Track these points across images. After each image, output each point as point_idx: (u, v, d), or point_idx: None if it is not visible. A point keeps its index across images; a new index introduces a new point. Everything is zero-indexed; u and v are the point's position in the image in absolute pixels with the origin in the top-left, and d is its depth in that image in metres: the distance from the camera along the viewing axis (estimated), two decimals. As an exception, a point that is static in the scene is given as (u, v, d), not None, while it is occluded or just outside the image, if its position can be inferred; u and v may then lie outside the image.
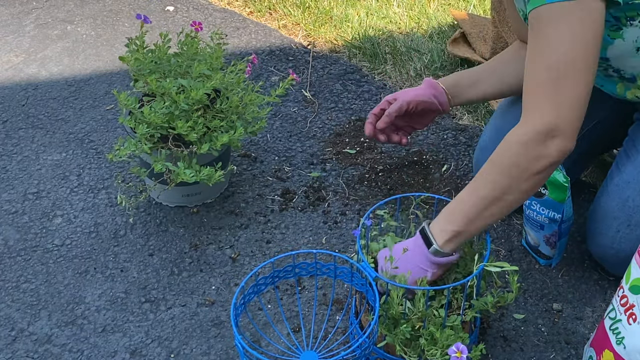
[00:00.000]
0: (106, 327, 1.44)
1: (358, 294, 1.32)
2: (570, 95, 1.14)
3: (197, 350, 1.39)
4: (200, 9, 2.54)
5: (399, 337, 1.19)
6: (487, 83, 1.58)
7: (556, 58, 1.13)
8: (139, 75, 1.56)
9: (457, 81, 1.60)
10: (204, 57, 1.59)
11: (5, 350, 1.40)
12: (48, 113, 2.04)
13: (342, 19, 2.42)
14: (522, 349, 1.38)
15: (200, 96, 1.49)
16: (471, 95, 1.59)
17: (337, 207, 1.70)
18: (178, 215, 1.69)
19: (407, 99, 1.56)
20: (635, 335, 1.11)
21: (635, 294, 1.11)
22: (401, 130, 1.64)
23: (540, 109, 1.15)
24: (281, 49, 2.30)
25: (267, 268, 1.45)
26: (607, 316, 1.19)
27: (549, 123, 1.13)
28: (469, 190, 1.21)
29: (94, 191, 1.77)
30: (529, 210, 1.48)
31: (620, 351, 1.14)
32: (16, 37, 2.39)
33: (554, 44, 1.13)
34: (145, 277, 1.55)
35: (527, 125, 1.16)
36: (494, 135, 1.58)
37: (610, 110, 1.54)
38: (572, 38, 1.12)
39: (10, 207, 1.73)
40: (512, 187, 1.18)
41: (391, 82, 2.13)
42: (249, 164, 1.84)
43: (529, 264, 1.55)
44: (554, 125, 1.13)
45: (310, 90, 2.11)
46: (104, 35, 2.39)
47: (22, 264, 1.58)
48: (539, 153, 1.15)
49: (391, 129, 1.62)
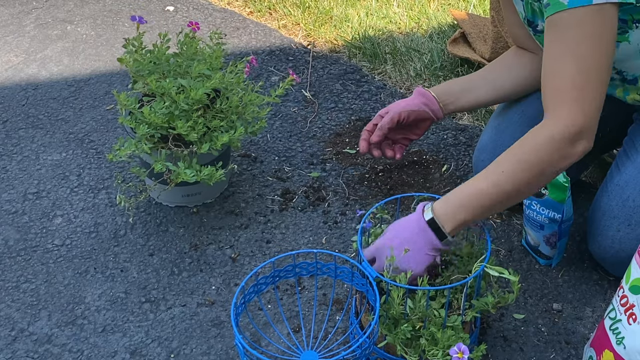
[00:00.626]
0: (106, 327, 1.44)
1: (358, 293, 1.32)
2: (596, 98, 1.18)
3: (197, 350, 1.39)
4: (200, 9, 2.54)
5: (399, 337, 1.19)
6: (481, 90, 1.58)
7: (584, 61, 1.17)
8: (138, 76, 1.56)
9: (449, 88, 1.61)
10: (204, 57, 1.59)
11: (5, 350, 1.40)
12: (48, 113, 2.04)
13: (342, 19, 2.42)
14: (522, 349, 1.38)
15: (200, 96, 1.49)
16: (464, 103, 1.60)
17: (337, 207, 1.70)
18: (178, 215, 1.69)
19: (397, 110, 1.58)
20: (635, 335, 1.11)
21: (635, 294, 1.11)
22: (398, 144, 1.67)
23: (570, 110, 1.17)
24: (281, 49, 2.30)
25: (267, 268, 1.45)
26: (607, 316, 1.19)
27: (580, 125, 1.17)
28: (489, 182, 1.22)
29: (94, 191, 1.77)
30: (529, 210, 1.48)
31: (620, 351, 1.14)
32: (16, 37, 2.39)
33: (582, 48, 1.16)
34: (145, 277, 1.55)
35: (556, 125, 1.18)
36: (494, 136, 1.59)
37: (610, 110, 1.54)
38: (599, 42, 1.16)
39: (10, 207, 1.73)
40: (533, 183, 1.22)
41: (391, 82, 2.13)
42: (249, 164, 1.84)
43: (529, 264, 1.55)
44: (583, 127, 1.17)
45: (310, 90, 2.11)
46: (104, 35, 2.39)
47: (22, 264, 1.58)
48: (567, 152, 1.18)
49: (386, 144, 1.65)
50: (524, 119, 1.56)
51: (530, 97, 1.58)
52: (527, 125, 1.55)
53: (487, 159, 1.58)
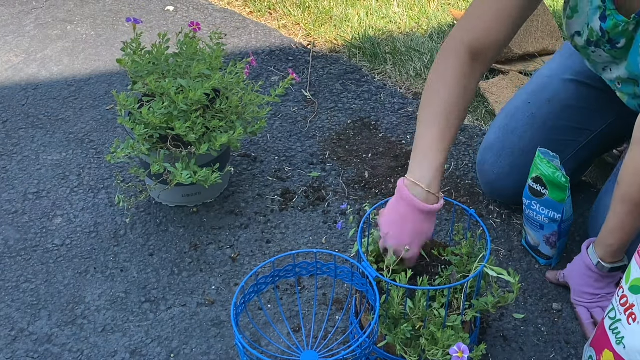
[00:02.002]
0: (106, 327, 1.44)
1: (358, 293, 1.32)
2: None
3: (197, 350, 1.39)
4: (200, 9, 2.54)
5: (399, 337, 1.19)
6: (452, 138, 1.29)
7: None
8: (137, 77, 1.56)
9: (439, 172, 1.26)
10: (204, 57, 1.59)
11: (5, 350, 1.40)
12: (48, 113, 2.04)
13: (342, 19, 2.42)
14: (522, 349, 1.38)
15: (199, 96, 1.49)
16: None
17: (337, 207, 1.70)
18: (178, 215, 1.69)
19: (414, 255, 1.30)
20: (635, 335, 1.11)
21: (635, 293, 1.11)
22: None
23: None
24: (281, 49, 2.30)
25: (267, 268, 1.46)
26: (607, 316, 1.19)
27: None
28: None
29: (94, 191, 1.77)
30: (529, 210, 1.48)
31: (620, 351, 1.14)
32: (16, 37, 2.39)
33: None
34: (145, 277, 1.55)
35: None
36: (501, 136, 1.58)
37: (619, 113, 1.54)
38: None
39: (10, 207, 1.73)
40: None
41: (391, 82, 2.13)
42: (249, 164, 1.84)
43: (529, 264, 1.55)
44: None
45: (310, 90, 2.11)
46: (104, 35, 2.39)
47: (22, 264, 1.58)
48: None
49: None
50: (533, 121, 1.56)
51: (539, 100, 1.58)
52: (536, 128, 1.55)
53: (493, 159, 1.59)
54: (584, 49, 1.40)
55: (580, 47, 1.41)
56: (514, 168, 1.56)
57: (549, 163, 1.40)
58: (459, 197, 1.72)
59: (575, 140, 1.57)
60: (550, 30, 2.18)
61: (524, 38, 2.14)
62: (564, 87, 1.58)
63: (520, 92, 1.64)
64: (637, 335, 1.10)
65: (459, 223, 1.62)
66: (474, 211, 1.32)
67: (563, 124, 1.56)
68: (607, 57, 1.38)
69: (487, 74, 2.13)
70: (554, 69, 1.63)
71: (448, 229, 1.62)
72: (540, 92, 1.60)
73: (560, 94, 1.57)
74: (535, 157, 1.42)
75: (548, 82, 1.60)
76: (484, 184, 1.64)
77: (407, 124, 1.96)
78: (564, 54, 1.64)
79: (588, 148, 1.59)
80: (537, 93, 1.60)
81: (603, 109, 1.56)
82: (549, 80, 1.60)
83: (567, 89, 1.58)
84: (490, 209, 1.68)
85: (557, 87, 1.58)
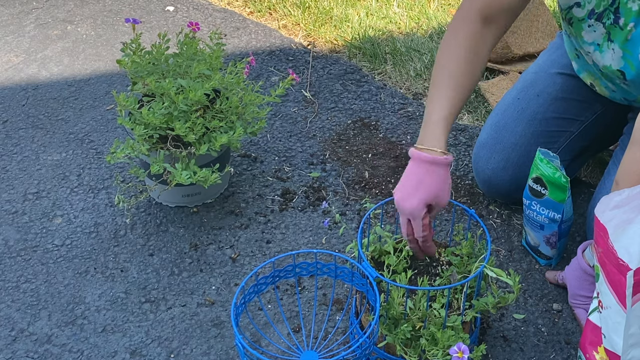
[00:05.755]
0: (106, 327, 1.44)
1: (358, 293, 1.32)
2: None
3: (197, 350, 1.39)
4: (200, 9, 2.54)
5: (399, 337, 1.19)
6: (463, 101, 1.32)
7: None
8: (137, 78, 1.56)
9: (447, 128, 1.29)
10: (204, 57, 1.59)
11: (5, 350, 1.40)
12: (48, 113, 2.04)
13: (342, 19, 2.42)
14: (522, 349, 1.38)
15: (199, 97, 1.49)
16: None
17: (337, 207, 1.70)
18: (178, 215, 1.69)
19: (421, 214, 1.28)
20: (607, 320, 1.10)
21: (596, 281, 1.11)
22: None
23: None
24: (281, 49, 2.30)
25: (267, 268, 1.45)
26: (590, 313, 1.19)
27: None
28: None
29: (94, 191, 1.77)
30: (529, 211, 1.48)
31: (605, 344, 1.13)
32: (16, 37, 2.39)
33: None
34: (145, 277, 1.55)
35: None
36: (493, 133, 1.60)
37: (606, 105, 1.56)
38: None
39: (10, 207, 1.73)
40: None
41: (391, 82, 2.13)
42: (249, 164, 1.84)
43: (529, 264, 1.55)
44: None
45: (310, 90, 2.11)
46: (104, 35, 2.39)
47: (22, 264, 1.58)
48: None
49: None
50: (523, 116, 1.59)
51: (528, 95, 1.60)
52: (525, 123, 1.57)
53: (486, 156, 1.60)
54: (580, 22, 1.35)
55: (575, 21, 1.36)
56: (508, 163, 1.58)
57: (549, 163, 1.40)
58: (459, 197, 1.72)
59: (566, 130, 1.59)
60: (551, 31, 2.18)
61: (524, 38, 2.14)
62: (551, 80, 1.60)
63: (510, 91, 1.66)
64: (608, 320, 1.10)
65: (459, 223, 1.62)
66: (474, 211, 1.32)
67: (552, 116, 1.58)
68: (601, 34, 1.34)
69: (487, 74, 2.13)
70: (540, 64, 1.66)
71: (448, 229, 1.62)
72: (529, 87, 1.62)
73: (548, 88, 1.60)
74: (535, 157, 1.42)
75: (535, 77, 1.63)
76: (480, 181, 1.65)
77: (407, 124, 1.96)
78: (550, 49, 1.68)
79: (581, 138, 1.60)
80: (525, 89, 1.62)
81: (589, 100, 1.57)
82: (536, 76, 1.63)
83: (554, 82, 1.60)
84: (490, 209, 1.68)
85: (544, 81, 1.61)
